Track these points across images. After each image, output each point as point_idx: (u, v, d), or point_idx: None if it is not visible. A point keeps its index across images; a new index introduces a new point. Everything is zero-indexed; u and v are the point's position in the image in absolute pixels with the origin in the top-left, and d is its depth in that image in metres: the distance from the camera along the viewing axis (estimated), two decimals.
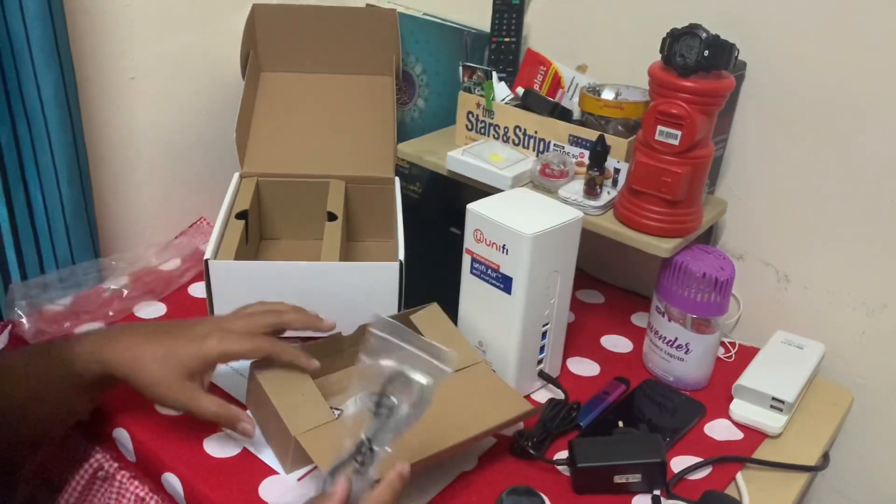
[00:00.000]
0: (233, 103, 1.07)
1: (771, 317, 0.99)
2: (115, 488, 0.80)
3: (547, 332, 0.85)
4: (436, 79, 1.16)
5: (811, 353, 0.92)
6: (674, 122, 0.80)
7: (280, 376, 0.75)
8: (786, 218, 0.95)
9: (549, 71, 1.00)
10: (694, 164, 0.82)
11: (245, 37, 1.09)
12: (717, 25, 0.79)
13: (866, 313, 0.92)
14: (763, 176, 0.95)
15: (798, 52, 0.88)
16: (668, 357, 0.89)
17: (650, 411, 0.86)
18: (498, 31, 1.05)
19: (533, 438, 0.78)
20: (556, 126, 0.95)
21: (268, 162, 1.06)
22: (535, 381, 0.87)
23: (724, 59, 0.79)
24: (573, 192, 0.91)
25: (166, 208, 1.14)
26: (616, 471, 0.74)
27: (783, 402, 0.84)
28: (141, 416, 0.79)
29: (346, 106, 1.12)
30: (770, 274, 0.98)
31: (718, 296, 0.85)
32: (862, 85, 0.85)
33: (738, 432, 0.84)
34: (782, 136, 0.92)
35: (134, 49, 1.03)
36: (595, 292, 1.09)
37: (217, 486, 0.72)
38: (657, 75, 0.81)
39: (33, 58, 0.87)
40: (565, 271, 0.83)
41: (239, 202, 0.99)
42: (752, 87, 0.92)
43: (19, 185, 0.93)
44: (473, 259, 0.83)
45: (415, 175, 1.22)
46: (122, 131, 1.06)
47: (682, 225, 0.86)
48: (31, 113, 0.90)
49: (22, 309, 0.91)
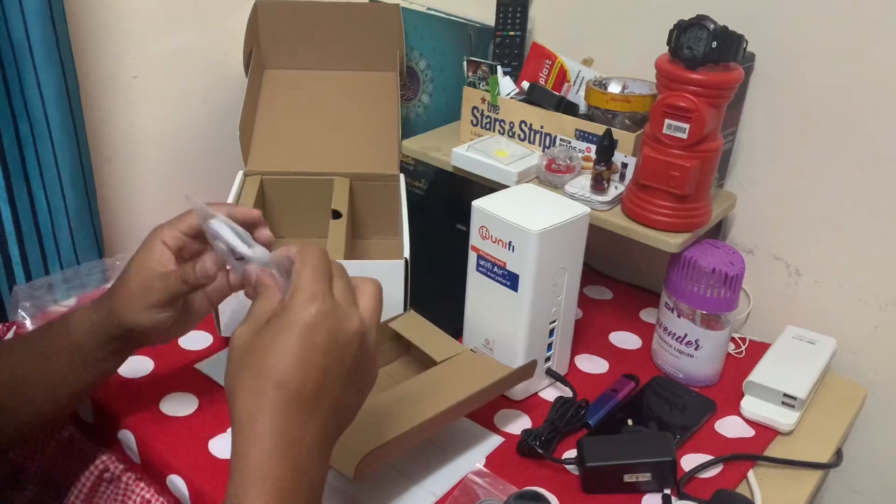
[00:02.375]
0: (236, 101, 1.06)
1: (782, 312, 0.98)
2: (121, 490, 0.80)
3: (554, 329, 0.84)
4: (440, 74, 1.15)
5: (823, 349, 0.91)
6: (682, 115, 0.79)
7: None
8: (796, 211, 0.94)
9: (555, 65, 0.99)
10: (703, 158, 0.81)
11: (248, 34, 1.08)
12: (724, 17, 0.78)
13: (878, 307, 0.91)
14: (773, 169, 0.94)
15: (807, 43, 0.87)
16: (678, 353, 0.88)
17: (660, 408, 0.85)
18: (503, 24, 1.04)
19: (541, 437, 0.77)
20: (562, 120, 0.94)
21: (272, 160, 1.05)
22: (542, 378, 0.86)
23: (733, 50, 0.78)
24: (580, 187, 0.90)
25: (170, 207, 1.12)
26: (626, 470, 0.73)
27: (795, 398, 0.83)
28: (146, 418, 0.78)
29: (349, 102, 1.11)
30: (780, 268, 0.97)
31: (728, 291, 0.84)
32: (874, 75, 0.84)
33: (750, 429, 0.83)
34: (792, 129, 0.91)
35: (136, 47, 1.03)
36: (603, 288, 1.08)
37: (222, 488, 0.71)
38: (664, 68, 0.80)
39: (34, 57, 0.87)
40: (572, 268, 0.82)
41: (243, 200, 0.98)
42: (761, 79, 0.91)
43: (22, 185, 0.92)
44: (479, 256, 0.82)
45: (420, 171, 1.21)
46: (125, 130, 1.05)
47: (691, 219, 0.85)
48: (32, 112, 0.89)
49: (26, 310, 0.90)
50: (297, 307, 0.51)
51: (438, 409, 0.70)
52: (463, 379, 0.75)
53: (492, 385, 0.74)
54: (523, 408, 0.84)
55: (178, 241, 0.69)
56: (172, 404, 0.81)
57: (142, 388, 0.83)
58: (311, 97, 1.11)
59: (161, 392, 0.82)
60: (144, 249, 0.69)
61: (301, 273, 0.53)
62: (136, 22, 1.01)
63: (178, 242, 0.69)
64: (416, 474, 0.74)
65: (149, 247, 0.69)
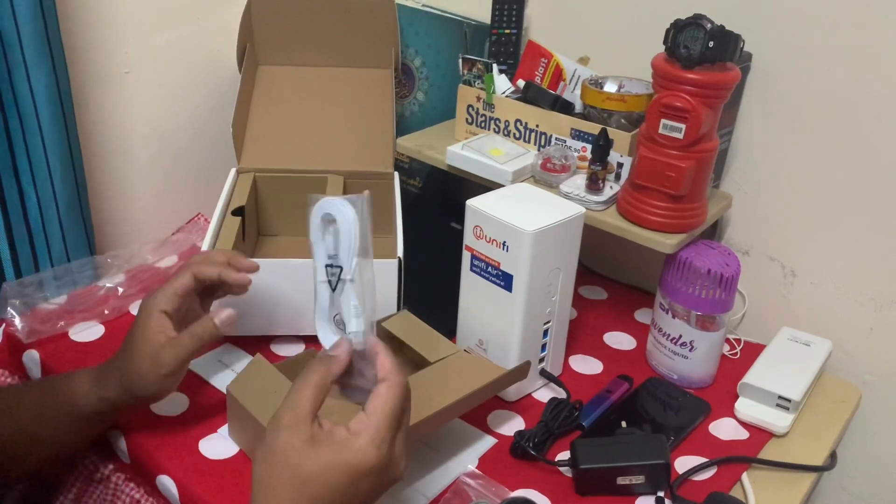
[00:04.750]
0: (229, 97, 1.05)
1: (777, 313, 0.98)
2: (111, 490, 0.79)
3: (548, 329, 0.83)
4: (435, 71, 1.14)
5: (818, 350, 0.90)
6: (678, 115, 0.78)
7: (252, 387, 0.73)
8: (792, 212, 0.93)
9: (551, 63, 0.98)
10: (698, 158, 0.80)
11: (241, 30, 1.07)
12: (721, 16, 0.77)
13: (874, 309, 0.91)
14: (769, 169, 0.94)
15: (804, 43, 0.87)
16: (673, 355, 0.88)
17: (654, 410, 0.85)
18: (498, 22, 1.03)
19: (534, 439, 0.77)
20: (557, 119, 0.94)
21: (265, 157, 1.05)
22: (536, 379, 0.86)
23: (730, 50, 0.77)
24: (575, 186, 0.89)
25: (162, 205, 1.13)
26: (619, 472, 0.72)
27: (790, 400, 0.82)
28: (136, 418, 0.78)
29: (344, 100, 1.10)
30: (776, 269, 0.97)
31: (723, 292, 0.83)
32: (871, 75, 0.83)
33: (744, 431, 0.82)
34: (789, 129, 0.91)
35: (128, 43, 1.02)
36: (598, 288, 1.08)
37: (212, 489, 0.71)
38: (661, 67, 0.79)
39: (24, 52, 0.86)
40: (567, 268, 0.82)
41: (236, 198, 0.98)
42: (758, 79, 0.90)
43: (12, 182, 0.92)
44: (473, 256, 0.81)
45: (414, 169, 1.20)
46: (117, 127, 1.04)
47: (687, 220, 0.84)
48: (22, 108, 0.88)
49: (16, 308, 0.90)
50: (363, 449, 0.53)
51: (431, 411, 0.69)
52: (456, 380, 0.75)
53: (485, 386, 0.74)
54: (517, 409, 0.84)
55: (174, 304, 0.71)
56: (163, 403, 0.80)
57: None
58: (305, 94, 1.10)
59: None
60: (142, 322, 0.71)
61: (382, 410, 0.54)
62: (128, 17, 1.00)
63: (174, 306, 0.71)
64: (408, 475, 0.73)
65: (146, 319, 0.71)
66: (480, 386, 0.73)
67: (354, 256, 0.56)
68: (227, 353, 0.88)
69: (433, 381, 0.75)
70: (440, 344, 0.81)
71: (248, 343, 0.89)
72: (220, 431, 0.77)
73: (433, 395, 0.72)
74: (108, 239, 1.08)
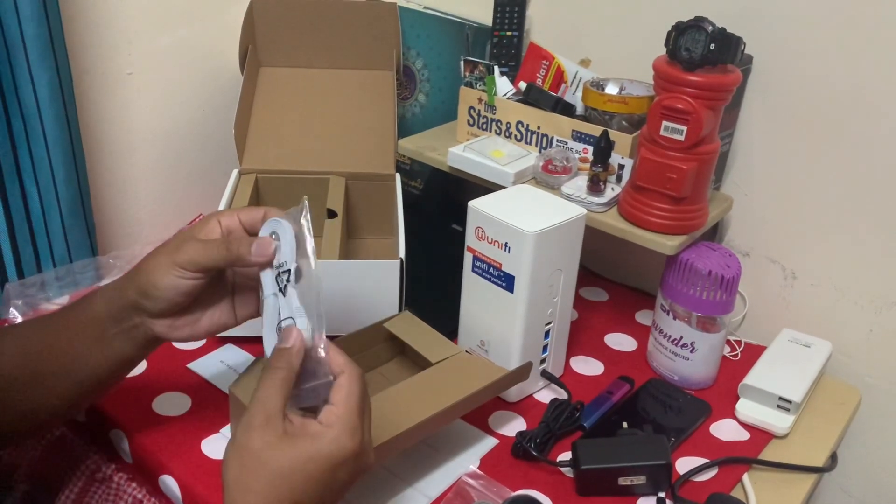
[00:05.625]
0: (231, 99, 1.06)
1: (777, 314, 0.98)
2: (113, 490, 0.79)
3: (550, 330, 0.84)
4: (437, 73, 1.14)
5: (818, 352, 0.91)
6: (679, 117, 0.78)
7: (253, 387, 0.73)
8: (793, 214, 0.94)
9: (552, 65, 0.98)
10: (700, 160, 0.81)
11: (244, 31, 1.08)
12: (722, 18, 0.78)
13: (874, 311, 0.91)
14: (770, 171, 0.94)
15: (806, 46, 0.87)
16: (674, 356, 0.88)
17: (655, 411, 0.85)
18: (500, 24, 1.04)
19: (535, 439, 0.77)
20: (559, 121, 0.94)
21: (267, 158, 1.05)
22: (537, 380, 0.86)
23: (731, 52, 0.78)
24: (576, 188, 0.89)
25: (164, 205, 1.13)
26: (620, 473, 0.73)
27: (790, 401, 0.82)
28: (138, 418, 0.78)
29: (346, 101, 1.10)
30: (777, 271, 0.97)
31: (724, 294, 0.83)
32: (872, 78, 0.84)
33: (745, 432, 0.83)
34: (789, 131, 0.91)
35: (131, 44, 1.02)
36: (599, 290, 1.08)
37: (215, 488, 0.71)
38: (662, 69, 0.80)
39: (28, 53, 0.86)
40: (568, 269, 0.82)
41: (238, 199, 0.98)
42: (759, 82, 0.91)
43: (15, 182, 0.92)
44: (475, 257, 0.81)
45: (416, 171, 1.21)
46: (120, 128, 1.05)
47: (688, 222, 0.84)
48: (26, 109, 0.89)
49: (18, 308, 0.90)
50: (338, 439, 0.53)
51: (433, 411, 0.70)
52: (458, 380, 0.75)
53: (487, 387, 0.74)
54: (518, 409, 0.84)
55: (233, 224, 0.66)
56: (165, 404, 0.80)
57: (134, 387, 0.82)
58: (307, 95, 1.10)
59: (154, 392, 0.82)
60: (197, 224, 0.66)
61: (348, 400, 0.55)
62: (131, 18, 1.01)
63: (232, 226, 0.66)
64: (409, 476, 0.74)
65: (202, 222, 0.66)
66: (482, 387, 0.74)
67: (293, 262, 0.59)
68: (228, 353, 0.89)
69: (435, 381, 0.75)
70: (442, 345, 0.81)
71: (249, 343, 0.89)
72: (222, 431, 0.77)
73: (435, 395, 0.72)
74: (111, 239, 1.08)
